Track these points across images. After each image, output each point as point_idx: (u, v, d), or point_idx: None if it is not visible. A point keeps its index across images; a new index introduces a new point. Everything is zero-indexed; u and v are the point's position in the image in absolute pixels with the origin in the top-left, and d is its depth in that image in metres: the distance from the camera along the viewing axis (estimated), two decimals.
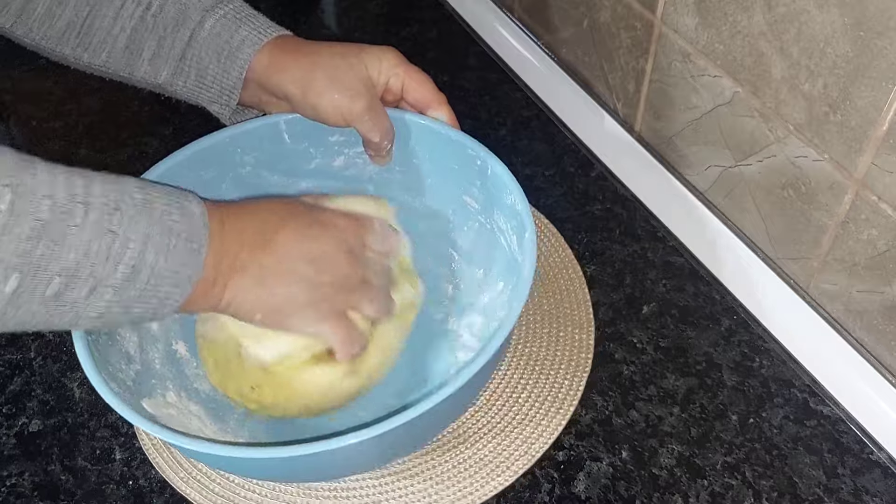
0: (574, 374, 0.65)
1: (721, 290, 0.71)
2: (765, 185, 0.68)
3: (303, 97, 0.59)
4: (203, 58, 0.59)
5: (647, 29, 0.75)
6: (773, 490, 0.59)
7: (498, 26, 0.96)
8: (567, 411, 0.63)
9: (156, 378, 0.58)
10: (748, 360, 0.66)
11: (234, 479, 0.61)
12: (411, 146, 0.64)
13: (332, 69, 0.59)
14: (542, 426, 0.62)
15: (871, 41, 0.54)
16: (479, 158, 0.61)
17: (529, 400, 0.64)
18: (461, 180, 0.64)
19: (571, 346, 0.67)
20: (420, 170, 0.66)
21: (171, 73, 0.60)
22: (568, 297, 0.70)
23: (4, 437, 0.64)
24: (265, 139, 0.64)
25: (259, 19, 0.60)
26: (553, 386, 0.65)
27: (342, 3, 1.03)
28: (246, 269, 0.51)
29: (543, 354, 0.67)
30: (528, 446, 0.61)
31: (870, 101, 0.56)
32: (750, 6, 0.62)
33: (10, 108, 0.92)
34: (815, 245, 0.66)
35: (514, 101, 0.88)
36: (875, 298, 0.63)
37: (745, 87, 0.66)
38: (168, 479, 0.61)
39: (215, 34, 0.59)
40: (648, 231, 0.75)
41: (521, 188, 0.59)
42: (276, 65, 0.59)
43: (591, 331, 0.68)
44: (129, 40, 0.60)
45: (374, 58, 0.60)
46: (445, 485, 0.60)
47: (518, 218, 0.58)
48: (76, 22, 0.60)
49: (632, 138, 0.82)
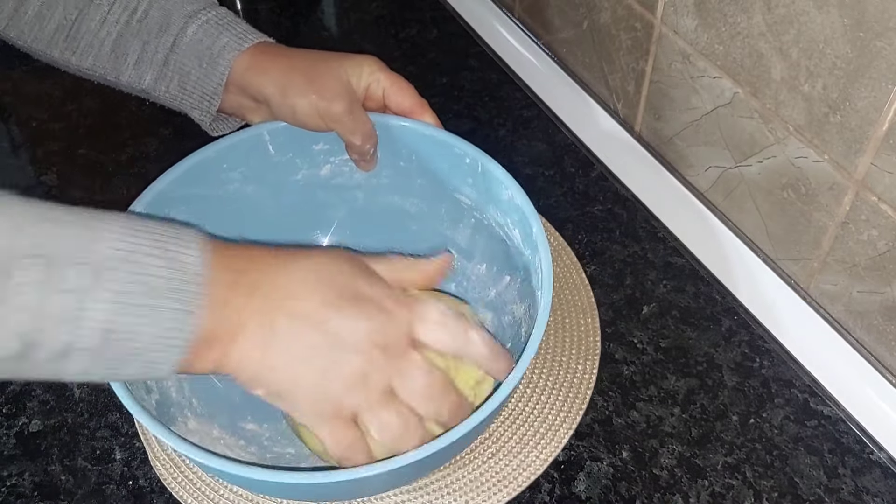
0: (586, 358, 0.66)
1: (721, 291, 0.71)
2: (765, 186, 0.68)
3: (282, 98, 0.59)
4: (185, 63, 0.60)
5: (647, 30, 0.75)
6: (774, 490, 0.59)
7: (498, 26, 0.96)
8: (585, 395, 0.64)
9: (174, 406, 0.58)
10: (749, 360, 0.66)
11: (240, 492, 0.60)
12: (397, 149, 0.64)
13: (311, 71, 0.59)
14: (564, 412, 0.63)
15: (871, 42, 0.54)
16: (468, 157, 0.61)
17: (547, 388, 0.64)
18: (452, 179, 0.64)
19: (579, 330, 0.68)
20: (408, 172, 0.65)
21: (154, 78, 0.60)
22: (567, 284, 0.71)
23: (4, 437, 0.64)
24: (251, 152, 0.63)
25: (241, 26, 0.60)
26: (568, 372, 0.65)
27: (342, 4, 1.03)
28: (250, 329, 0.44)
29: (553, 343, 0.67)
30: (552, 434, 0.62)
31: (869, 102, 0.56)
32: (749, 7, 0.62)
33: (10, 108, 0.92)
34: (815, 245, 0.66)
35: (514, 101, 0.88)
36: (875, 299, 0.63)
37: (744, 88, 0.66)
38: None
39: (197, 40, 0.59)
40: (649, 231, 0.75)
41: (516, 182, 0.59)
42: (256, 67, 0.59)
43: (595, 314, 0.68)
44: (114, 44, 0.60)
45: (354, 63, 0.60)
46: (476, 483, 0.60)
47: (519, 212, 0.58)
48: (65, 25, 0.60)
49: (632, 139, 0.82)
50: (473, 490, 0.59)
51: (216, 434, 0.59)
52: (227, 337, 0.44)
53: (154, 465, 0.62)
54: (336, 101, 0.58)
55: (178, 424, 0.56)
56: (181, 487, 0.60)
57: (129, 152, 0.84)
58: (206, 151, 0.62)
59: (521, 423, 0.62)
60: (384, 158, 0.64)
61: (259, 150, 0.64)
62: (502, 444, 0.61)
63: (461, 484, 0.60)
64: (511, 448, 0.61)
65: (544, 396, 0.64)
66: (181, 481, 0.61)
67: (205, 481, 0.61)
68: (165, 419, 0.55)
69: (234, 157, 0.63)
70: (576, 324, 0.68)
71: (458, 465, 0.60)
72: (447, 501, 0.59)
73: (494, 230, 0.63)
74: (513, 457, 0.61)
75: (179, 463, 0.61)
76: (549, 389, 0.64)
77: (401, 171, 0.65)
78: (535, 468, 0.60)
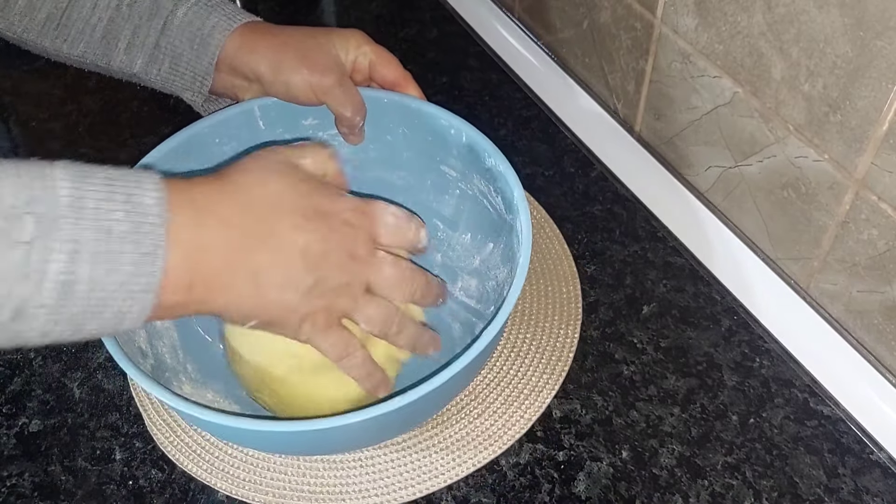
0: (567, 323, 0.68)
1: (721, 291, 0.71)
2: (765, 186, 0.68)
3: (274, 76, 0.60)
4: (177, 45, 0.61)
5: (646, 29, 0.75)
6: (774, 490, 0.59)
7: (498, 26, 0.96)
8: (567, 357, 0.66)
9: (169, 371, 0.59)
10: (748, 360, 0.66)
11: (234, 452, 0.61)
12: (384, 122, 0.65)
13: (301, 48, 0.60)
14: (547, 375, 0.65)
15: (871, 41, 0.54)
16: (453, 128, 0.62)
17: (531, 352, 0.66)
18: (437, 151, 0.65)
19: (560, 299, 0.70)
20: (395, 145, 0.67)
21: (145, 62, 0.62)
22: (549, 254, 0.73)
23: (4, 437, 0.64)
24: (242, 127, 0.64)
25: (230, 6, 0.62)
26: (550, 336, 0.67)
27: (342, 3, 1.03)
28: (235, 269, 0.45)
29: (536, 309, 0.69)
30: (536, 394, 0.64)
31: (870, 102, 0.56)
32: (750, 6, 0.62)
33: (10, 108, 0.92)
34: (815, 245, 0.66)
35: (514, 101, 0.88)
36: (875, 298, 0.63)
37: (744, 87, 0.66)
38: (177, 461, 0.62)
39: (187, 22, 0.60)
40: (648, 231, 0.75)
41: (498, 149, 0.60)
42: (246, 46, 0.60)
43: (577, 283, 0.71)
44: (105, 30, 0.61)
45: (341, 38, 0.62)
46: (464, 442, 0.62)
47: (502, 179, 0.59)
48: (55, 14, 0.61)
49: (632, 138, 0.82)
50: (461, 448, 0.61)
51: (210, 397, 0.61)
52: (207, 277, 0.43)
53: (151, 430, 0.63)
54: (327, 74, 0.60)
55: (174, 388, 0.57)
56: (178, 451, 0.62)
57: (129, 151, 0.84)
58: (197, 126, 0.63)
59: (505, 384, 0.65)
60: (371, 132, 0.65)
61: (250, 124, 0.65)
62: (488, 405, 0.63)
63: (449, 442, 0.62)
64: (497, 408, 0.63)
65: (528, 359, 0.66)
66: (178, 445, 0.62)
67: (200, 444, 0.62)
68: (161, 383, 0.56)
69: (225, 132, 0.64)
70: (558, 291, 0.70)
71: (446, 424, 0.63)
72: (435, 459, 0.61)
73: (479, 199, 0.65)
74: (497, 416, 0.63)
75: (176, 427, 0.63)
76: (532, 353, 0.66)
77: (387, 145, 0.67)
78: (519, 427, 0.62)
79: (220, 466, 0.61)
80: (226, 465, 0.61)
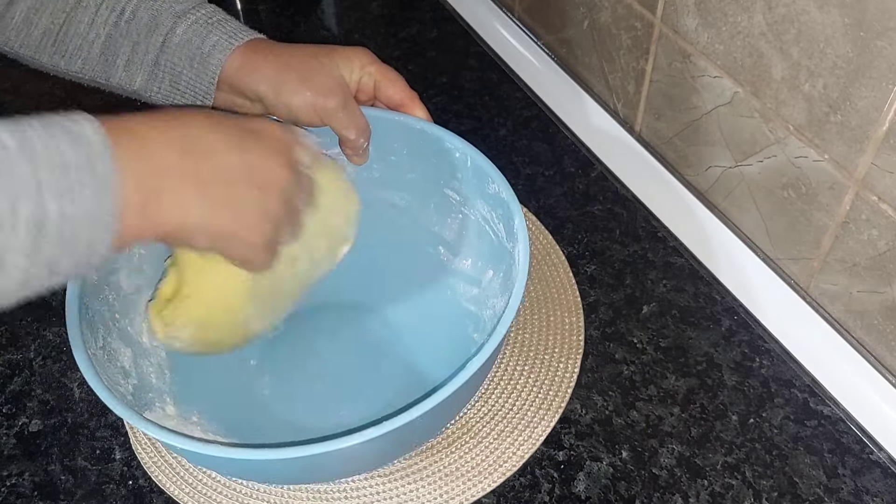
0: (568, 357, 0.66)
1: (721, 291, 0.71)
2: (765, 186, 0.68)
3: (276, 97, 0.59)
4: (176, 63, 0.60)
5: (647, 29, 0.75)
6: (774, 490, 0.59)
7: (498, 26, 0.96)
8: (566, 393, 0.64)
9: (153, 391, 0.58)
10: (748, 360, 0.66)
11: (222, 482, 0.61)
12: (388, 143, 0.64)
13: (304, 69, 0.59)
14: (543, 410, 0.64)
15: (871, 42, 0.54)
16: (458, 150, 0.62)
17: (528, 386, 0.65)
18: (441, 173, 0.64)
19: (563, 330, 0.68)
20: (399, 166, 0.66)
21: (145, 80, 0.61)
22: (553, 283, 0.71)
23: (4, 437, 0.64)
24: None
25: (231, 24, 0.60)
26: (549, 369, 0.66)
27: (342, 3, 1.03)
28: (182, 176, 0.45)
29: (536, 340, 0.68)
30: (531, 431, 0.62)
31: (870, 102, 0.56)
32: (750, 7, 0.62)
33: (10, 108, 0.92)
34: (815, 245, 0.66)
35: (514, 101, 0.88)
36: (875, 298, 0.63)
37: (745, 87, 0.66)
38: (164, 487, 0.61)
39: (187, 40, 0.59)
40: (648, 231, 0.75)
41: (503, 176, 0.59)
42: (248, 66, 0.59)
43: (580, 313, 0.69)
44: (103, 47, 0.60)
45: (345, 58, 0.60)
46: (453, 477, 0.60)
47: (504, 206, 0.59)
48: (52, 29, 0.60)
49: (632, 138, 0.82)
50: (453, 482, 0.60)
51: (196, 420, 0.60)
52: (159, 199, 0.44)
53: (135, 448, 0.63)
54: (330, 97, 0.59)
55: (156, 409, 0.57)
56: (160, 471, 0.61)
57: None
58: None
59: (499, 419, 0.63)
60: (375, 153, 0.64)
61: None
62: (481, 439, 0.62)
63: (442, 475, 0.61)
64: (489, 443, 0.62)
65: (524, 393, 0.64)
66: (160, 465, 0.62)
67: (183, 465, 0.61)
68: (142, 404, 0.56)
69: None
70: (560, 322, 0.69)
71: (438, 456, 0.61)
72: (423, 487, 0.60)
73: (481, 225, 0.64)
74: (490, 451, 0.61)
75: (159, 446, 0.62)
76: (529, 386, 0.65)
77: (392, 165, 0.66)
78: (511, 464, 0.61)
79: (204, 491, 0.60)
80: (209, 490, 0.60)
